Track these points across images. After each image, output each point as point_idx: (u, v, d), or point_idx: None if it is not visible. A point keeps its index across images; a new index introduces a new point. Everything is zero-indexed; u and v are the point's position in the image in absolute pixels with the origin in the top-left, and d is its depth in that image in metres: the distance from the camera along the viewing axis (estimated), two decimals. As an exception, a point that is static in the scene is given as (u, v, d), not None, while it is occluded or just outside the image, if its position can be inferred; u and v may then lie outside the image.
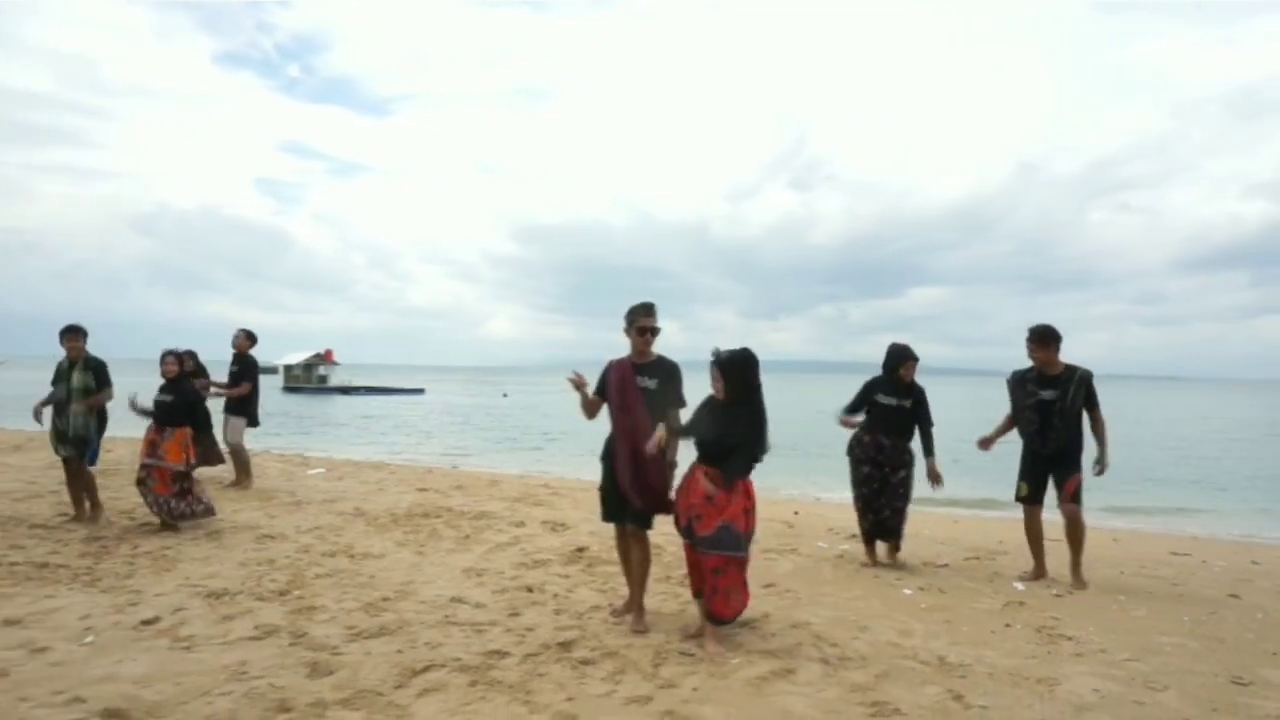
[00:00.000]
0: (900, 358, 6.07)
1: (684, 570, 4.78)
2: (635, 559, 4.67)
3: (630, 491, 4.49)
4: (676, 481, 4.54)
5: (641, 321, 4.57)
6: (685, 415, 4.53)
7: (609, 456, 4.63)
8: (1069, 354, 5.71)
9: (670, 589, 5.41)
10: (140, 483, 6.71)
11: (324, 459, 14.12)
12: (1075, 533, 5.66)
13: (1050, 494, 5.75)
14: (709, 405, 4.37)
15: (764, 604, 5.03)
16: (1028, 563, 6.04)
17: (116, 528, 6.74)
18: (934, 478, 5.90)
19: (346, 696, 3.46)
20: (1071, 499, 5.60)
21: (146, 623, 4.37)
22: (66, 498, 7.22)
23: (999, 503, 10.97)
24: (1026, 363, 5.82)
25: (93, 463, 6.96)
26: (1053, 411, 5.57)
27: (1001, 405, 6.10)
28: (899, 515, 6.09)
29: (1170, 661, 4.16)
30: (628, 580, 4.76)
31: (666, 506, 4.54)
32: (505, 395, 56.21)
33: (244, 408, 8.57)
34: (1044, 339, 5.62)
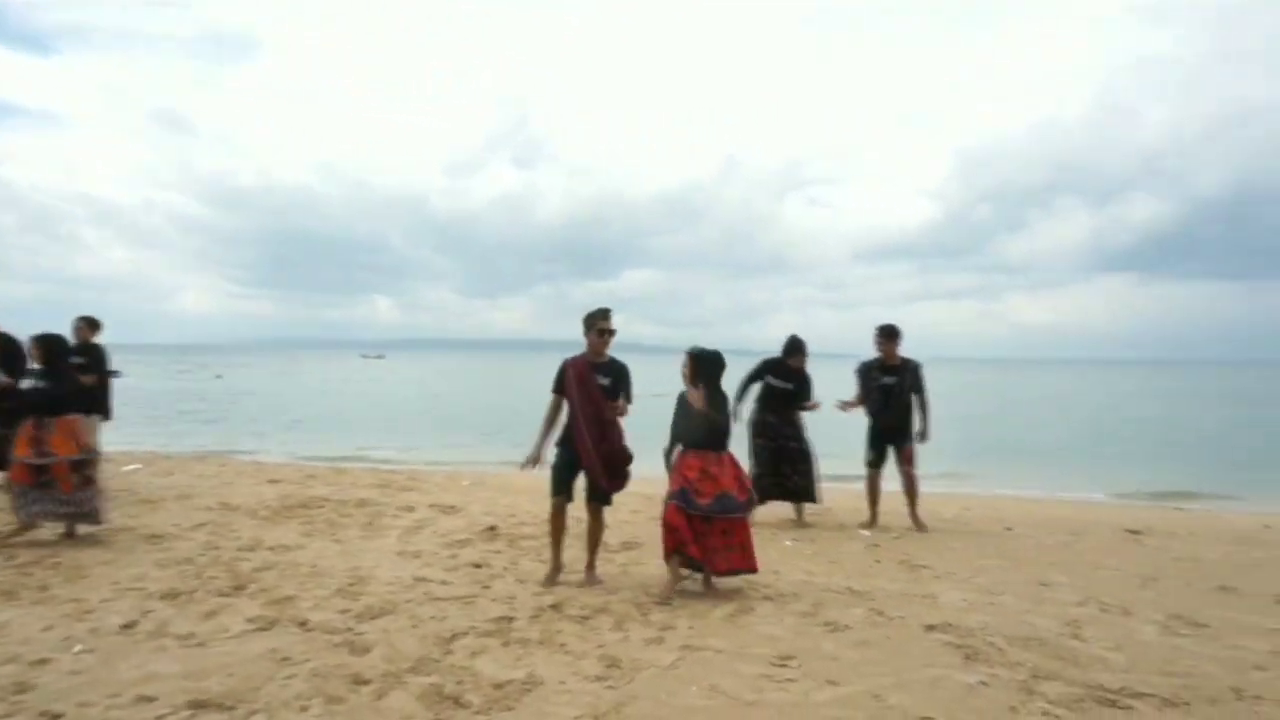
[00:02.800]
0: (795, 350, 7.25)
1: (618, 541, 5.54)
2: (591, 529, 5.39)
3: (599, 474, 5.18)
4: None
5: (601, 324, 5.26)
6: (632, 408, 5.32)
7: (567, 443, 5.28)
8: (769, 335, 7.29)
9: (603, 555, 6.12)
10: (36, 486, 6.02)
11: (123, 453, 12.80)
12: (913, 489, 7.21)
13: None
14: (686, 406, 5.16)
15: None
16: (855, 518, 7.51)
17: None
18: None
19: (410, 665, 3.84)
20: (908, 463, 7.14)
21: (126, 627, 4.31)
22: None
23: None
24: (734, 341, 7.38)
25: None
26: (892, 394, 7.06)
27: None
28: (806, 478, 7.27)
29: (995, 576, 5.66)
30: (556, 551, 5.40)
31: (623, 485, 5.31)
32: (219, 377, 51.41)
33: (96, 403, 7.82)
34: (892, 335, 7.08)
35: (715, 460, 5.09)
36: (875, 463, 7.27)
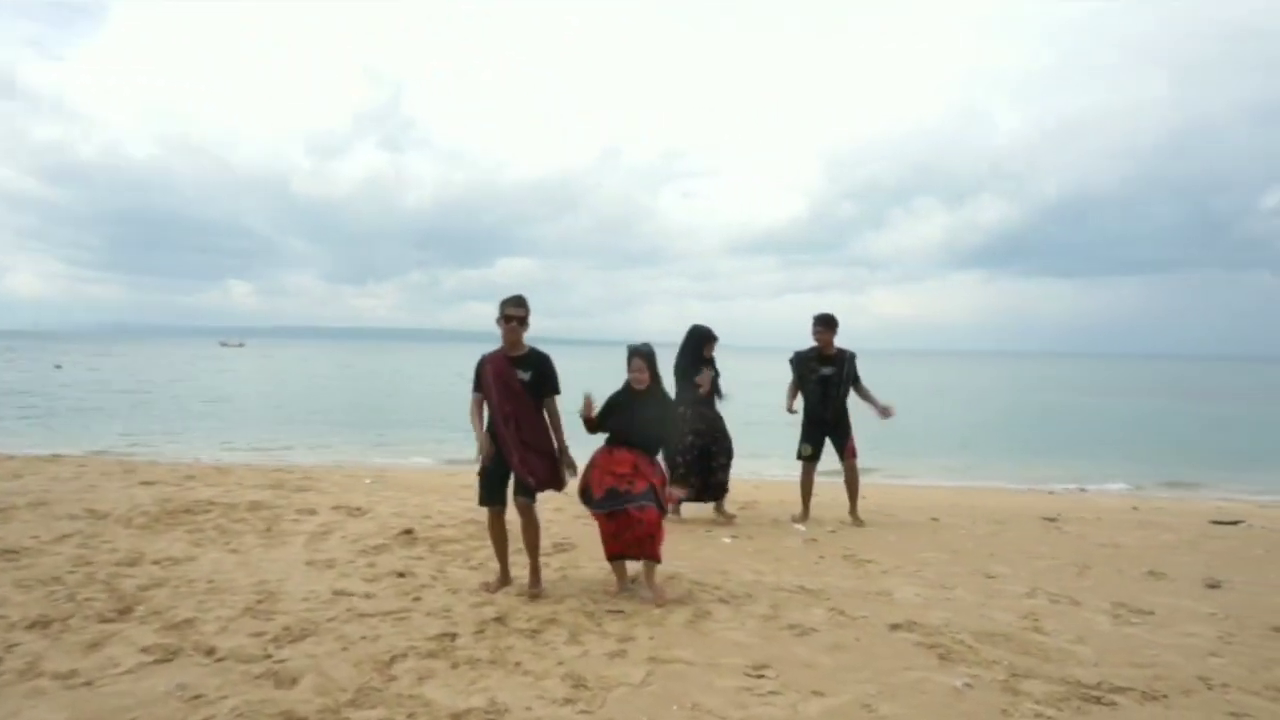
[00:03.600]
0: (704, 339, 6.99)
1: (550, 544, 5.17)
2: (526, 529, 4.99)
3: (522, 471, 4.79)
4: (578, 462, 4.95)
5: (509, 310, 4.84)
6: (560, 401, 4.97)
7: (495, 439, 4.85)
8: (644, 325, 7.08)
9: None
10: None
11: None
12: (855, 481, 7.13)
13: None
14: (634, 395, 4.84)
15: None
16: (783, 511, 7.40)
17: None
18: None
19: (349, 697, 3.36)
20: (853, 456, 7.05)
21: (-11, 666, 3.60)
22: None
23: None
24: (610, 331, 7.17)
25: None
26: (831, 385, 6.94)
27: (588, 375, 7.25)
28: (726, 470, 7.04)
29: (941, 569, 5.64)
30: (500, 557, 5.03)
31: (555, 483, 4.93)
32: (58, 367, 47.17)
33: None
34: (830, 324, 6.95)
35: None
36: (813, 456, 7.14)
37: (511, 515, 4.92)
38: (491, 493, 4.91)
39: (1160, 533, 7.12)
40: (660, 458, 5.07)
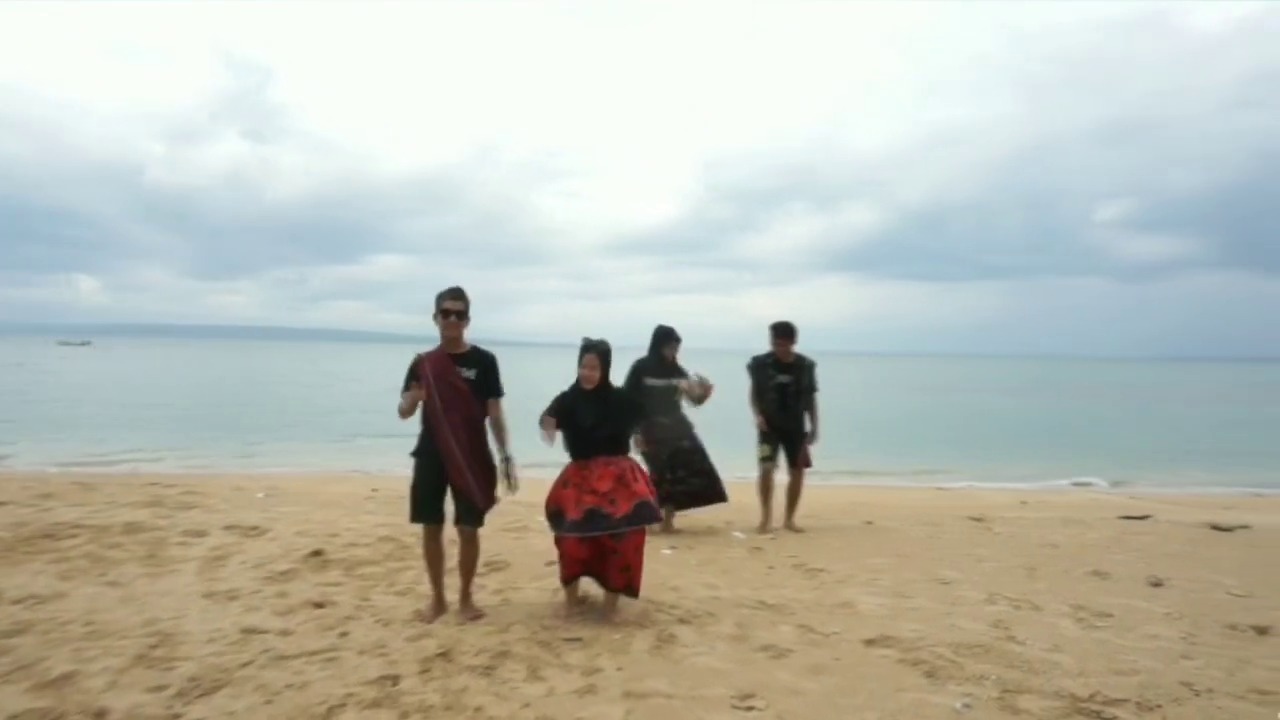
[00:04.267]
0: (660, 339, 6.65)
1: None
2: (465, 554, 4.57)
3: (472, 488, 4.36)
4: (521, 474, 4.49)
5: (446, 304, 4.40)
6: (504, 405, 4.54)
7: (428, 454, 4.41)
8: (522, 324, 6.82)
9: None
10: None
11: None
12: (798, 492, 6.93)
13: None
14: (583, 395, 4.44)
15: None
16: (717, 518, 7.14)
17: None
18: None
19: (285, 766, 2.81)
20: (806, 465, 6.86)
21: None
22: None
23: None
24: (488, 331, 6.82)
25: None
26: (789, 393, 6.73)
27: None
28: (707, 477, 6.64)
29: (895, 576, 5.49)
30: (434, 581, 4.56)
31: (491, 501, 4.49)
32: None
33: None
34: (787, 333, 6.73)
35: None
36: (772, 456, 6.87)
37: (447, 533, 4.44)
38: (426, 508, 4.43)
39: (1084, 530, 7.29)
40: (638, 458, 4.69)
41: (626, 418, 4.64)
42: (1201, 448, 19.86)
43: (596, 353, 4.50)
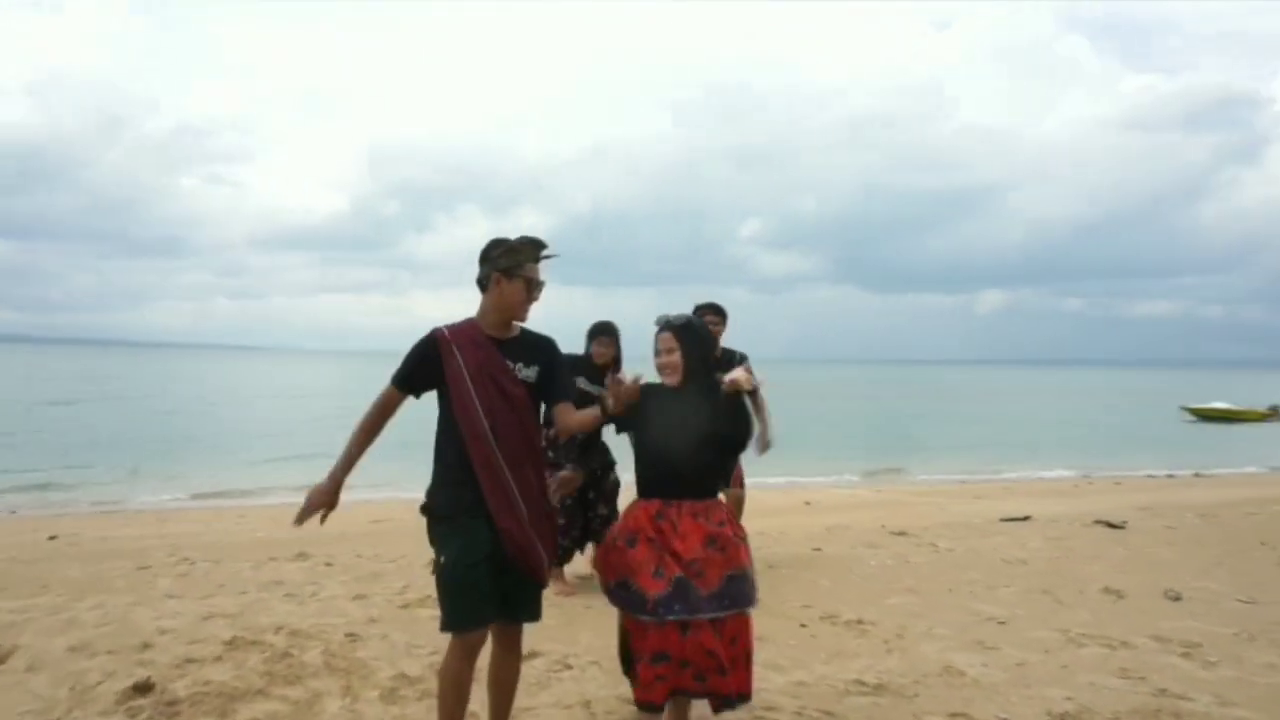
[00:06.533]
0: (589, 335, 5.35)
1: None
2: (505, 673, 2.99)
3: (537, 552, 2.85)
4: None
5: (529, 269, 2.88)
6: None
7: (469, 511, 2.77)
8: (155, 323, 5.84)
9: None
10: None
11: None
12: (738, 513, 5.81)
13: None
14: (664, 393, 3.12)
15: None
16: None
17: None
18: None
19: None
20: (739, 484, 5.65)
21: None
22: None
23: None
24: (110, 330, 5.50)
25: None
26: None
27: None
28: (610, 521, 5.15)
29: (936, 617, 4.82)
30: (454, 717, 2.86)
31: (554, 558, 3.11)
32: None
33: None
34: (721, 316, 5.55)
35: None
36: None
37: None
38: (476, 604, 2.76)
39: (1019, 538, 7.28)
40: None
41: (740, 432, 3.17)
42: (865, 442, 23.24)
43: (675, 331, 3.12)
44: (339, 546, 6.88)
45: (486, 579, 2.73)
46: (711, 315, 5.50)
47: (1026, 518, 8.47)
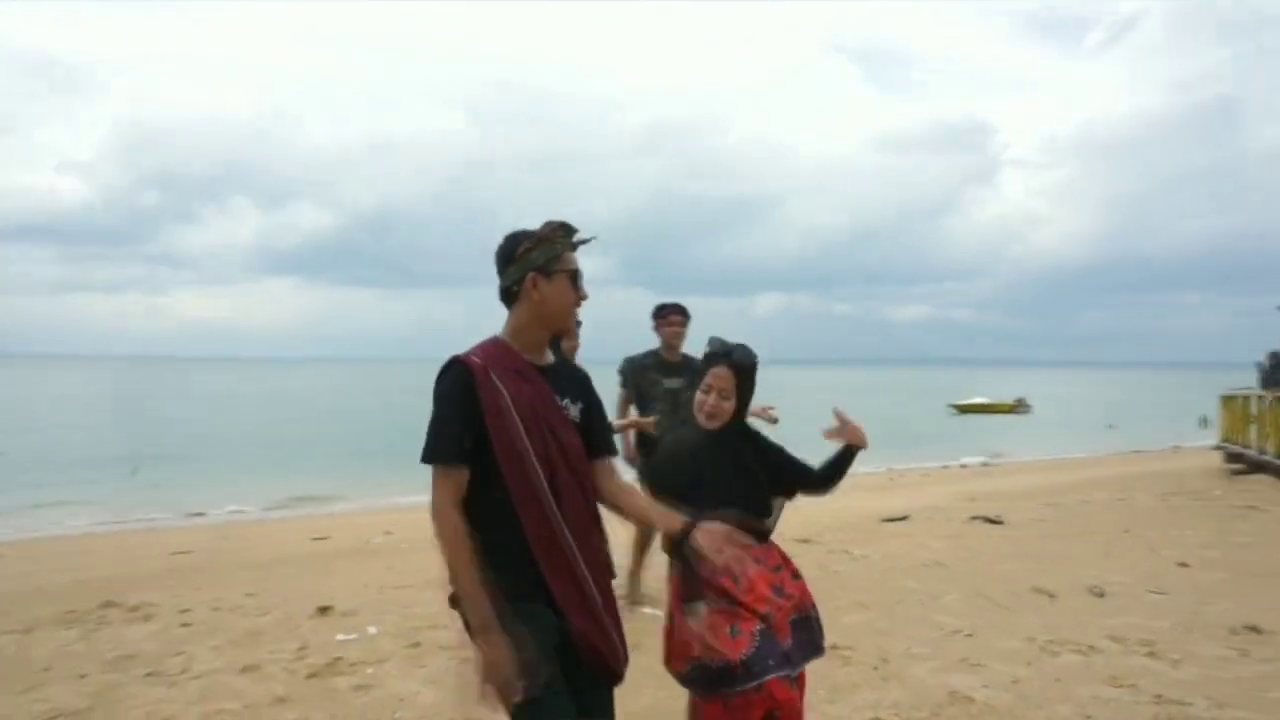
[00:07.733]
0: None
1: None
2: None
3: (614, 643, 2.24)
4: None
5: (569, 261, 2.24)
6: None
7: (527, 595, 2.11)
8: None
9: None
10: None
11: None
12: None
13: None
14: (704, 441, 2.76)
15: None
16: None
17: None
18: None
19: None
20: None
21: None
22: None
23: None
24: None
25: None
26: (680, 403, 5.18)
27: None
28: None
29: (902, 635, 4.66)
30: None
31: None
32: None
33: None
34: (687, 317, 5.17)
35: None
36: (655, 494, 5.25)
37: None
38: (553, 710, 2.08)
39: (917, 540, 7.38)
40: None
41: (804, 478, 2.86)
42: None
43: (731, 365, 2.74)
44: (163, 593, 5.74)
45: (559, 679, 2.08)
46: (676, 316, 5.17)
47: (905, 517, 8.71)
